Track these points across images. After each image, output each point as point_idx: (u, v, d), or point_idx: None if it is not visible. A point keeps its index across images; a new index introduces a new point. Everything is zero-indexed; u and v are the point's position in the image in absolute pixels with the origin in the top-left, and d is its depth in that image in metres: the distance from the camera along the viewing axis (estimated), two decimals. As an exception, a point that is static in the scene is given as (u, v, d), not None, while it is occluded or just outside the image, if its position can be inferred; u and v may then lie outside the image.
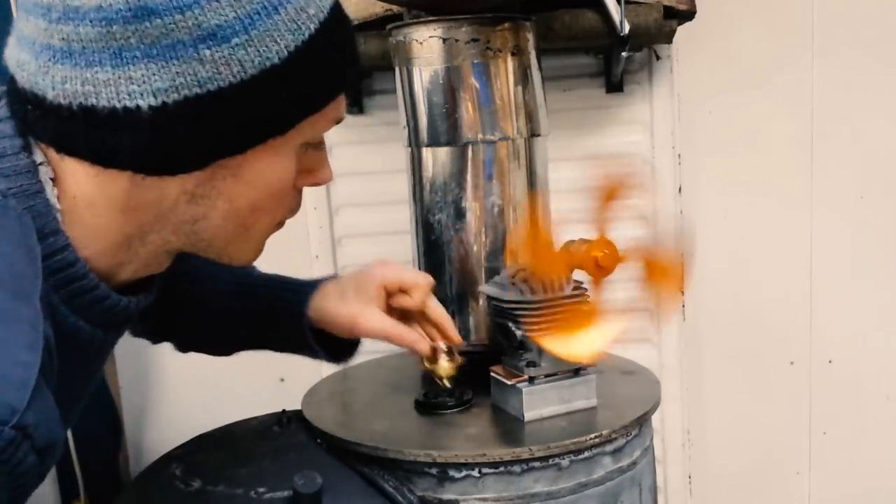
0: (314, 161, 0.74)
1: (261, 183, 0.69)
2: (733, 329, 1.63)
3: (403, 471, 0.90)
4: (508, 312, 0.96)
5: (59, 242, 0.65)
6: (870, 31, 1.53)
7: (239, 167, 0.67)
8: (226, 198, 0.68)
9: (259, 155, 0.67)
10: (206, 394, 1.66)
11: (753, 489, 1.70)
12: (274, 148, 0.68)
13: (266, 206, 0.71)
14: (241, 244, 0.73)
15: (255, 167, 0.68)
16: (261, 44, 0.62)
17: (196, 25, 0.60)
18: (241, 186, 0.68)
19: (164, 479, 0.91)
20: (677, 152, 1.55)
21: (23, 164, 0.64)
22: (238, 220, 0.70)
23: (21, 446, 0.54)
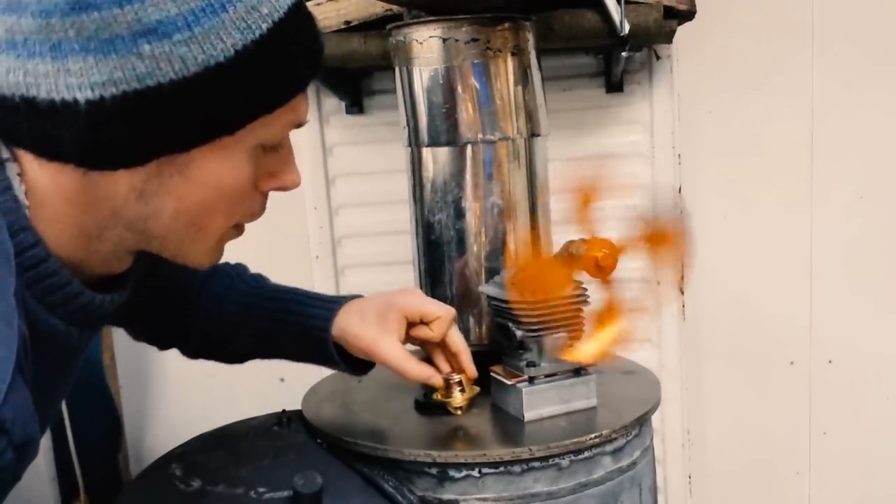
0: (275, 164, 0.72)
1: (211, 182, 0.67)
2: (733, 329, 1.63)
3: (403, 471, 0.90)
4: (508, 312, 0.96)
5: (29, 239, 0.65)
6: (870, 31, 1.53)
7: (186, 166, 0.65)
8: (175, 196, 0.67)
9: (207, 154, 0.65)
10: (206, 394, 1.66)
11: (753, 489, 1.70)
12: (223, 148, 0.66)
13: (219, 207, 0.69)
14: (194, 245, 0.72)
15: (204, 166, 0.66)
16: (205, 41, 0.61)
17: (136, 20, 0.59)
18: (191, 185, 0.67)
19: (164, 479, 0.91)
20: (677, 152, 1.55)
21: None
22: (189, 219, 0.69)
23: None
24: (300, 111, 0.70)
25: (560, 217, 1.13)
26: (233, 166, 0.68)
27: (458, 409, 0.97)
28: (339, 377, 1.23)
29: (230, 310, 1.00)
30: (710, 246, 1.59)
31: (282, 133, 0.70)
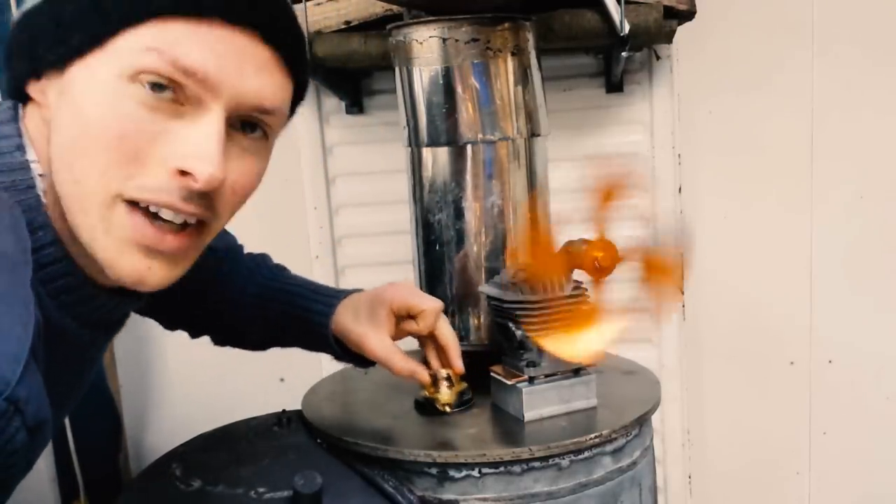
0: (185, 138, 0.65)
1: (81, 110, 0.64)
2: (733, 329, 1.63)
3: (403, 471, 0.90)
4: (508, 312, 0.96)
5: (47, 237, 0.66)
6: (870, 31, 1.53)
7: (66, 87, 0.66)
8: (58, 124, 0.66)
9: (77, 70, 0.65)
10: (206, 394, 1.66)
11: (753, 489, 1.70)
12: (90, 65, 0.64)
13: (93, 147, 0.64)
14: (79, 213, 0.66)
15: (75, 84, 0.65)
16: None
17: None
18: (69, 108, 0.65)
19: (164, 479, 0.91)
20: (677, 152, 1.55)
21: (17, 162, 0.66)
22: (67, 158, 0.65)
23: (13, 420, 0.54)
24: (158, 42, 0.64)
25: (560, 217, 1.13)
26: (101, 88, 0.64)
27: (445, 405, 0.98)
28: (339, 377, 1.23)
29: (247, 301, 1.03)
30: (710, 246, 1.59)
31: (149, 63, 0.64)
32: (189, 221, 0.68)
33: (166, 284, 0.69)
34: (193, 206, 0.67)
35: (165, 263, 0.68)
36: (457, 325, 1.10)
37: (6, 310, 0.56)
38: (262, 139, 0.72)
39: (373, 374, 1.20)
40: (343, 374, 1.24)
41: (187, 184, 0.65)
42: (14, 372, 0.54)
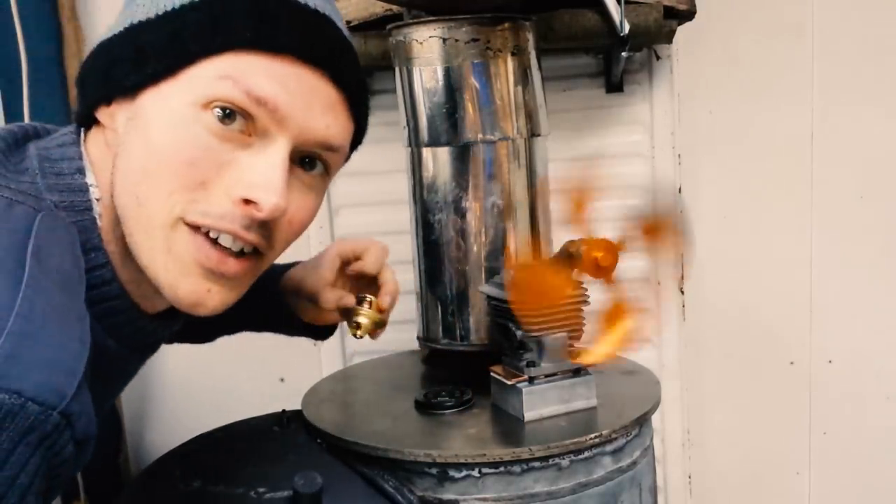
0: (250, 168, 0.68)
1: (150, 135, 0.66)
2: (733, 329, 1.63)
3: (403, 471, 0.90)
4: (508, 312, 0.96)
5: (99, 259, 0.68)
6: (870, 31, 1.53)
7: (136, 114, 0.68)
8: (127, 149, 0.68)
9: (150, 96, 0.68)
10: (206, 394, 1.66)
11: (753, 489, 1.70)
12: (164, 92, 0.67)
13: (161, 171, 0.66)
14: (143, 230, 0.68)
15: (147, 110, 0.68)
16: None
17: None
18: (139, 133, 0.67)
19: (164, 479, 0.91)
20: (677, 152, 1.55)
21: (77, 184, 0.69)
22: (132, 185, 0.67)
23: (63, 434, 0.55)
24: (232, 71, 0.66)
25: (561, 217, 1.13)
26: (173, 115, 0.66)
27: (357, 330, 0.99)
28: (339, 377, 1.23)
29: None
30: (710, 246, 1.59)
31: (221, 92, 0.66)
32: (246, 250, 0.70)
33: (221, 309, 0.71)
34: (253, 235, 0.69)
35: (224, 287, 0.70)
36: (457, 325, 1.10)
37: (65, 326, 0.58)
38: (321, 176, 0.75)
39: (373, 374, 1.20)
40: (343, 374, 1.24)
41: (250, 212, 0.67)
42: (71, 386, 0.56)
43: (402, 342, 1.34)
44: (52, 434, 0.54)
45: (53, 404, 0.54)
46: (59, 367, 0.56)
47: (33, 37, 1.52)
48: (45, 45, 1.56)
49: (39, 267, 0.58)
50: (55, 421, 0.54)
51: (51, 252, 0.61)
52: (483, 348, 1.09)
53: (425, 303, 1.14)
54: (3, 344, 0.53)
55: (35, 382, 0.53)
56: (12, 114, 1.55)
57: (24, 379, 0.53)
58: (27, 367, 0.53)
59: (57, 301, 0.59)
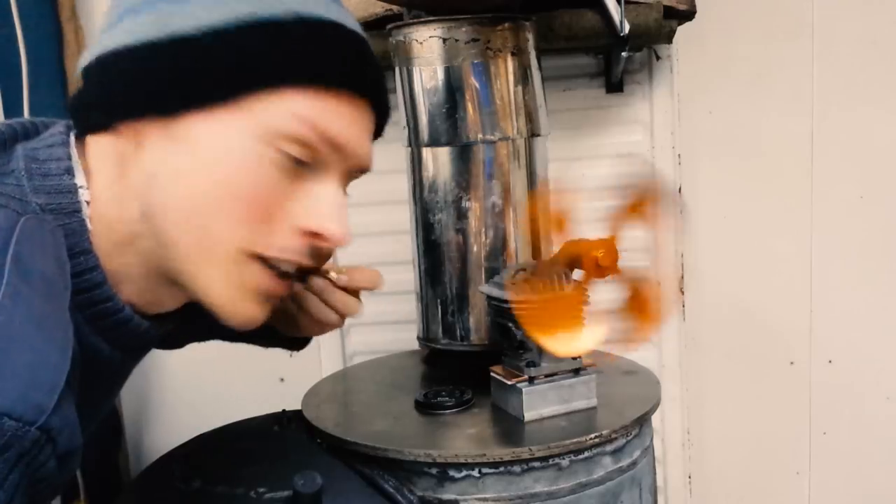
0: (316, 199, 0.68)
1: (209, 157, 0.65)
2: (733, 329, 1.63)
3: (403, 471, 0.90)
4: (508, 312, 0.96)
5: (89, 262, 0.66)
6: (870, 31, 1.53)
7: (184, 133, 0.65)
8: (174, 172, 0.66)
9: (201, 121, 0.65)
10: (206, 394, 1.66)
11: (753, 489, 1.70)
12: (220, 120, 0.65)
13: (226, 204, 0.65)
14: (207, 263, 0.67)
15: (202, 139, 0.65)
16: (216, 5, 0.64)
17: None
18: (187, 158, 0.66)
19: (164, 479, 0.91)
20: (677, 152, 1.55)
21: (65, 185, 0.66)
22: (197, 216, 0.66)
23: (44, 449, 0.54)
24: (311, 114, 0.66)
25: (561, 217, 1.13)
26: (232, 146, 0.65)
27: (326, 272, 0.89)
28: (339, 377, 1.23)
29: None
30: (710, 246, 1.59)
31: (290, 126, 0.66)
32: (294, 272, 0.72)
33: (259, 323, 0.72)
34: (315, 261, 0.72)
35: (270, 306, 0.72)
36: (457, 325, 1.10)
37: (45, 336, 0.57)
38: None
39: (373, 374, 1.20)
40: (343, 374, 1.24)
41: (316, 243, 0.69)
42: (50, 399, 0.54)
43: (402, 342, 1.34)
44: (31, 450, 0.53)
45: (31, 419, 0.52)
46: (38, 380, 0.54)
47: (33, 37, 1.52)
48: (45, 45, 1.56)
49: (19, 274, 0.56)
50: (34, 437, 0.52)
51: (33, 258, 0.59)
52: (483, 348, 1.09)
53: (425, 303, 1.14)
54: None
55: (11, 397, 0.52)
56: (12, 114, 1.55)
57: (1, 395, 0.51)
58: (2, 381, 0.52)
59: (37, 310, 0.57)
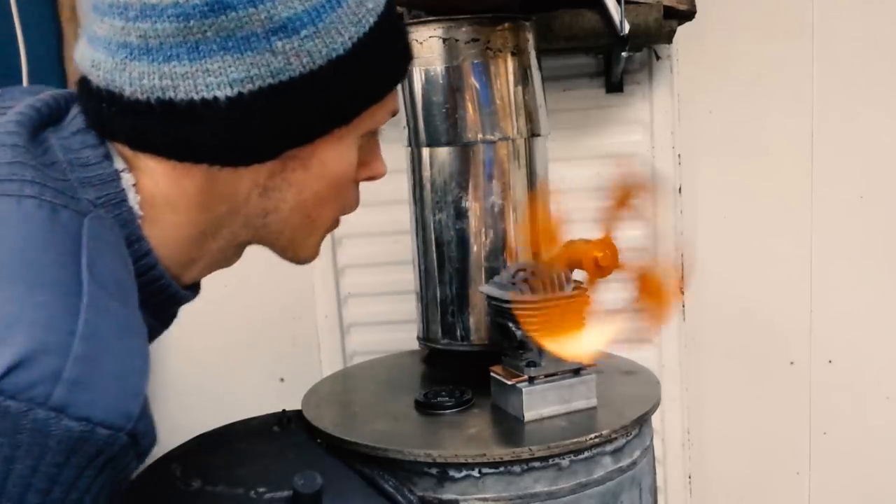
0: (370, 153, 0.77)
1: (327, 173, 0.71)
2: (733, 329, 1.63)
3: (403, 471, 0.90)
4: (508, 312, 0.96)
5: (142, 248, 0.67)
6: (870, 31, 1.53)
7: (309, 158, 0.69)
8: (296, 189, 0.71)
9: (326, 145, 0.70)
10: (205, 394, 1.66)
11: (753, 489, 1.70)
12: (339, 138, 0.70)
13: (330, 197, 0.74)
14: (306, 238, 0.76)
15: (323, 157, 0.70)
16: (327, 35, 0.65)
17: (268, 18, 0.62)
18: (310, 177, 0.71)
19: (164, 479, 0.90)
20: (677, 152, 1.55)
21: (107, 174, 0.66)
22: (305, 211, 0.73)
23: (129, 452, 0.56)
24: (397, 98, 0.75)
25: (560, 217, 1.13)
26: (346, 156, 0.72)
27: None
28: (339, 377, 1.23)
29: None
30: (710, 246, 1.59)
31: (383, 121, 0.74)
32: None
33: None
34: None
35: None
36: (457, 325, 1.10)
37: (128, 344, 0.59)
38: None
39: (373, 374, 1.20)
40: (343, 374, 1.24)
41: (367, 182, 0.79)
42: (137, 405, 0.57)
43: (402, 342, 1.34)
44: (118, 455, 0.55)
45: (121, 426, 0.54)
46: (126, 388, 0.56)
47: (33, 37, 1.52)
48: (45, 45, 1.56)
49: (95, 281, 0.57)
50: (122, 442, 0.55)
51: (103, 262, 0.59)
52: (483, 348, 1.09)
53: (425, 303, 1.14)
54: (69, 369, 0.52)
55: (103, 407, 0.53)
56: (12, 114, 1.55)
57: (92, 405, 0.53)
58: (95, 392, 0.53)
59: (118, 318, 0.58)
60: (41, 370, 0.51)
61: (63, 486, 0.52)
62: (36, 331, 0.52)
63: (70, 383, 0.52)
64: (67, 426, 0.51)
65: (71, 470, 0.52)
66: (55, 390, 0.51)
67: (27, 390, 0.50)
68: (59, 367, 0.52)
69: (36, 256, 0.56)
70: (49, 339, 0.52)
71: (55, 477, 0.52)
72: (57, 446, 0.51)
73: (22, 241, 0.56)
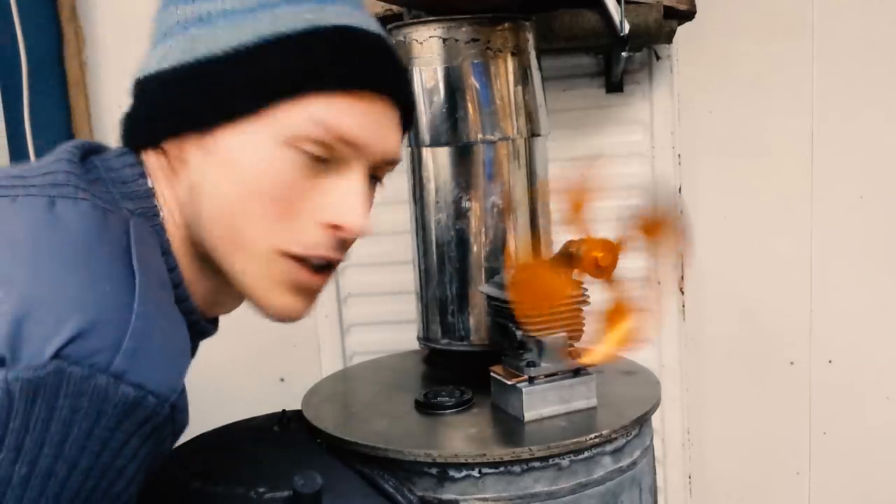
0: (334, 193, 0.73)
1: (236, 168, 0.70)
2: (733, 329, 1.63)
3: (403, 471, 0.90)
4: (508, 312, 0.96)
5: (171, 262, 0.71)
6: (870, 31, 1.53)
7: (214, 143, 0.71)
8: (211, 182, 0.71)
9: (229, 134, 0.70)
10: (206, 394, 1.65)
11: (753, 489, 1.70)
12: (248, 130, 0.70)
13: (253, 205, 0.70)
14: (243, 261, 0.72)
15: (228, 146, 0.70)
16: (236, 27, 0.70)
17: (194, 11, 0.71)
18: (219, 169, 0.71)
19: (164, 479, 0.90)
20: (677, 152, 1.55)
21: (143, 190, 0.72)
22: (225, 218, 0.71)
23: (168, 425, 0.61)
24: (325, 116, 0.70)
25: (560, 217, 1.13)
26: (258, 152, 0.70)
27: None
28: (339, 377, 1.23)
29: None
30: (710, 246, 1.59)
31: (307, 129, 0.70)
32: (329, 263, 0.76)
33: (303, 316, 0.78)
34: (339, 254, 0.75)
35: (308, 298, 0.76)
36: (457, 325, 1.10)
37: (173, 324, 0.65)
38: (376, 185, 0.80)
39: (373, 374, 1.20)
40: (343, 374, 1.24)
41: (338, 235, 0.73)
42: (180, 381, 0.63)
43: (402, 342, 1.34)
44: (162, 425, 0.60)
45: (167, 397, 0.60)
46: (173, 363, 0.62)
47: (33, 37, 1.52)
48: (45, 45, 1.56)
49: (144, 273, 0.62)
50: (166, 413, 0.60)
51: (149, 257, 0.65)
52: (483, 348, 1.09)
53: (425, 303, 1.14)
54: (128, 341, 0.57)
55: (155, 377, 0.59)
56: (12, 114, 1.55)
57: (146, 374, 0.58)
58: (149, 364, 0.59)
59: (165, 303, 0.65)
60: (103, 340, 0.56)
61: (112, 450, 0.57)
62: (98, 308, 0.58)
63: (128, 353, 0.57)
64: (125, 392, 0.56)
65: (121, 435, 0.57)
66: (115, 359, 0.56)
67: (89, 357, 0.55)
68: (119, 339, 0.57)
69: (94, 247, 0.61)
70: (110, 315, 0.58)
71: (107, 441, 0.56)
72: (112, 410, 0.56)
73: (83, 234, 0.61)
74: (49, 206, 0.62)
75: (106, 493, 0.58)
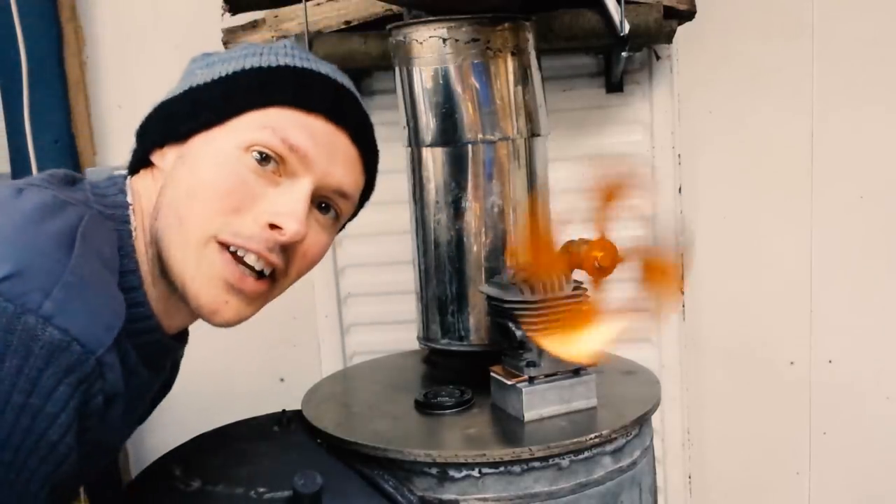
0: (281, 199, 0.80)
1: (200, 164, 0.80)
2: (733, 329, 1.63)
3: (403, 471, 0.90)
4: (508, 312, 0.96)
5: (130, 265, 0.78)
6: (870, 31, 1.53)
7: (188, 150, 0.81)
8: (176, 179, 0.80)
9: (202, 141, 0.81)
10: (206, 394, 1.66)
11: (753, 489, 1.70)
12: (215, 137, 0.81)
13: (202, 195, 0.78)
14: (179, 243, 0.78)
15: (198, 151, 0.81)
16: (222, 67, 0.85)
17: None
18: (187, 168, 0.80)
19: (164, 479, 0.91)
20: (677, 152, 1.55)
21: (119, 201, 0.81)
22: (178, 201, 0.79)
23: (96, 382, 0.64)
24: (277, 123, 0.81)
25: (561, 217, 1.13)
26: (219, 154, 0.80)
27: None
28: (339, 377, 1.23)
29: None
30: (710, 246, 1.59)
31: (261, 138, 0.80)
32: (265, 272, 0.81)
33: (236, 322, 0.82)
34: (274, 257, 0.80)
35: (240, 302, 0.80)
36: (457, 325, 1.10)
37: (107, 290, 0.70)
38: (333, 220, 0.88)
39: (373, 374, 1.20)
40: (343, 374, 1.24)
41: (274, 236, 0.79)
42: (108, 338, 0.66)
43: (402, 342, 1.34)
44: (89, 377, 0.63)
45: (93, 349, 0.63)
46: (101, 319, 0.66)
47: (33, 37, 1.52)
48: (45, 45, 1.56)
49: (86, 245, 0.69)
50: (92, 365, 0.63)
51: (95, 239, 0.71)
52: (483, 348, 1.09)
53: (425, 303, 1.14)
54: (58, 290, 0.62)
55: (81, 326, 0.63)
56: (12, 114, 1.55)
57: (73, 321, 0.62)
58: (76, 314, 0.63)
59: (99, 271, 0.70)
60: (35, 283, 0.62)
61: (41, 393, 0.60)
62: (34, 256, 0.64)
63: (57, 300, 0.62)
64: (51, 334, 0.61)
65: (49, 379, 0.61)
66: (45, 302, 0.61)
67: (21, 296, 0.61)
68: (49, 285, 0.63)
69: (44, 219, 0.68)
70: (44, 263, 0.64)
71: (35, 381, 0.60)
72: (39, 350, 0.60)
73: (37, 208, 0.69)
74: (17, 192, 0.71)
75: (42, 438, 0.61)
